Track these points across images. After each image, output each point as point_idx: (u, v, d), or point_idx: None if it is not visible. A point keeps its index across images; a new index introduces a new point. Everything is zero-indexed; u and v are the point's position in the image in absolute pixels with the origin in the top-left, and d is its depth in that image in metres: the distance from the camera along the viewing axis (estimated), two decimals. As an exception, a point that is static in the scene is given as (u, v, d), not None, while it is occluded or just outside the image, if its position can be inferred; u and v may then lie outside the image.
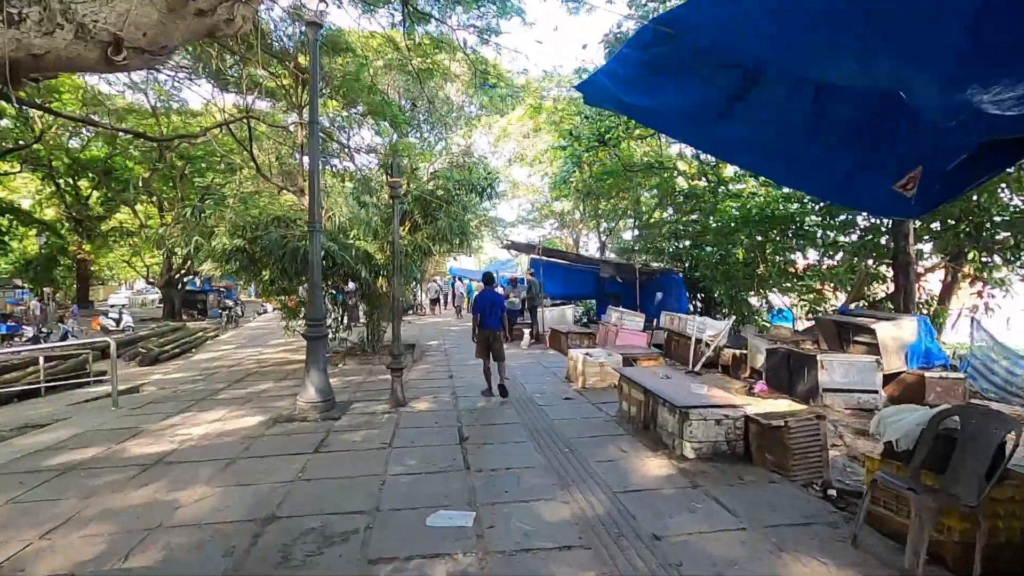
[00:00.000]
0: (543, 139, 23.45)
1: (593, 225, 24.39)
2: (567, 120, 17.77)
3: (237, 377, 9.50)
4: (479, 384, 8.07)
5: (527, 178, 26.58)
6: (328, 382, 6.70)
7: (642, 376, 6.16)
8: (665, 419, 5.36)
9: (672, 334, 12.78)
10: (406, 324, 18.89)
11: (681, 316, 12.54)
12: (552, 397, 7.47)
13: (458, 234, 11.09)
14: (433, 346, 13.15)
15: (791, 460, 4.72)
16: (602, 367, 7.93)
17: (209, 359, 12.24)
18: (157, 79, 22.57)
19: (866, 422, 7.50)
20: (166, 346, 15.00)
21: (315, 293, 6.60)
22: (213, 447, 5.51)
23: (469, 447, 5.37)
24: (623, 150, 19.30)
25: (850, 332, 9.30)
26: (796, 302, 12.29)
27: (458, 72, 16.83)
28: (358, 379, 9.04)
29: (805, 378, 8.28)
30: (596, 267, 16.51)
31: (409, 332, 16.28)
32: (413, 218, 10.93)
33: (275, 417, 6.55)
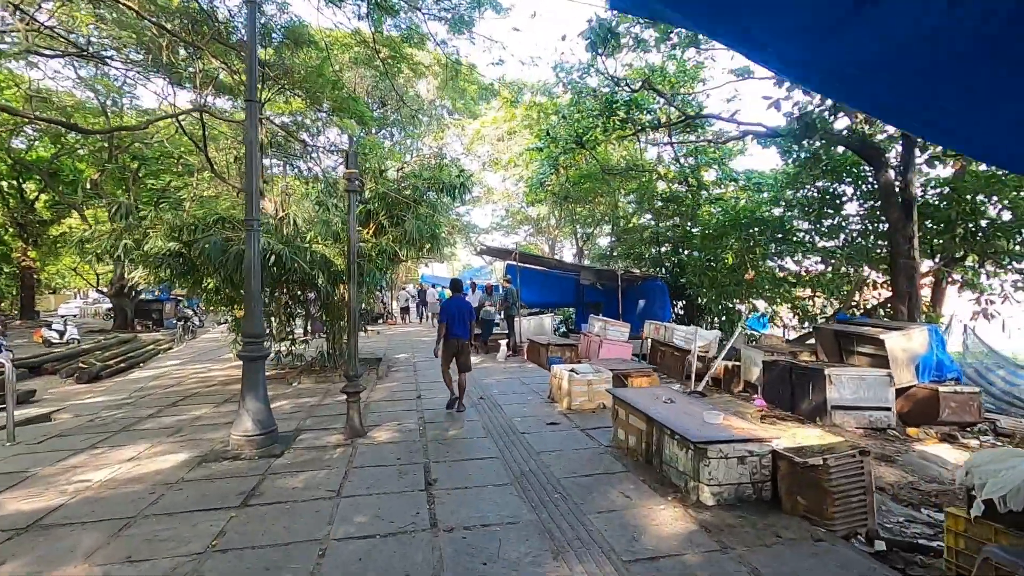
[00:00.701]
0: (518, 143, 22.61)
1: (569, 231, 23.61)
2: (543, 120, 16.94)
3: (171, 400, 8.22)
4: (449, 408, 7.05)
5: (501, 182, 25.67)
6: (268, 410, 5.56)
7: (642, 401, 5.21)
8: (674, 454, 4.42)
9: (658, 344, 11.94)
10: (374, 335, 17.67)
11: (667, 325, 11.72)
12: (535, 422, 6.47)
13: (428, 237, 10.04)
14: (401, 360, 12.02)
15: (831, 506, 3.83)
16: (590, 386, 6.98)
17: (148, 377, 10.86)
18: (108, 75, 21.03)
19: (881, 443, 6.74)
20: (110, 361, 13.49)
21: (253, 305, 5.47)
22: (113, 500, 4.33)
23: (437, 493, 4.32)
24: (600, 152, 18.58)
25: (852, 342, 8.57)
26: (781, 310, 11.60)
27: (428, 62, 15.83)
28: (312, 401, 7.88)
29: (810, 394, 7.48)
30: (575, 273, 15.64)
31: (376, 344, 15.10)
32: (378, 219, 9.85)
33: (203, 455, 5.38)
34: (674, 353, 11.32)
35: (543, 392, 8.09)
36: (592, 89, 15.85)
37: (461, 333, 6.98)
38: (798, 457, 3.96)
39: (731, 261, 10.83)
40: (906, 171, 8.54)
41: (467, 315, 7.06)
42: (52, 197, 26.77)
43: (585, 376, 7.04)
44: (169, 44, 16.07)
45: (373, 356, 11.98)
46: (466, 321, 7.04)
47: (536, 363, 11.21)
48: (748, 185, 16.33)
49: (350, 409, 5.91)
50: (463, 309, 7.07)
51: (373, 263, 9.15)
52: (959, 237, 9.96)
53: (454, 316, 6.97)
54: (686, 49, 14.41)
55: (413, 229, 9.35)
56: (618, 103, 15.67)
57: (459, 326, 6.96)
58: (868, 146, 9.98)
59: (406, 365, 11.26)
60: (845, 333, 8.72)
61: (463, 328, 6.99)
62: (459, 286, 7.74)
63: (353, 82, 17.63)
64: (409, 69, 16.22)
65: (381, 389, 8.69)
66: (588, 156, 18.64)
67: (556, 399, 7.44)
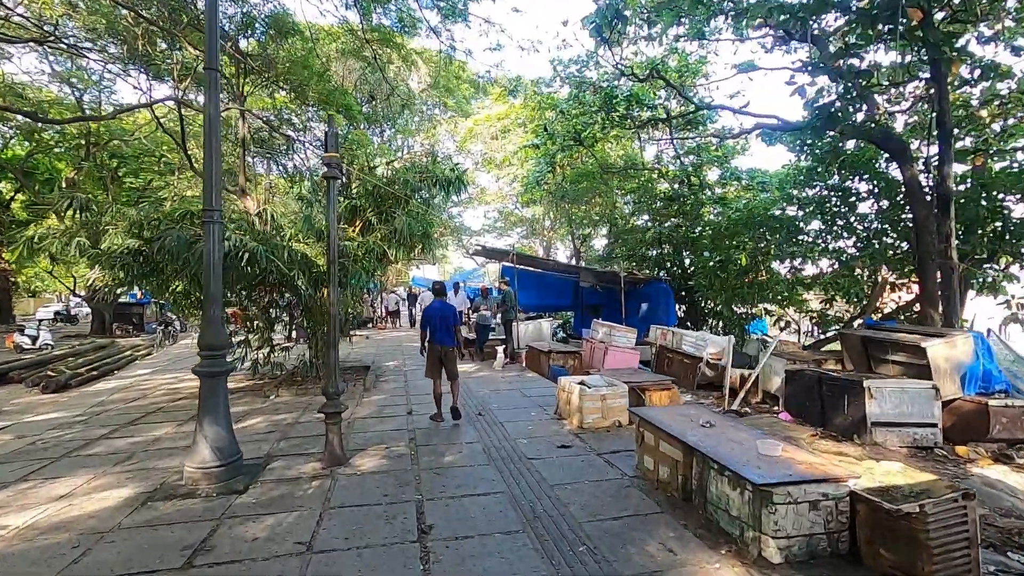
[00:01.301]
0: (513, 141, 21.78)
1: (564, 232, 22.79)
2: (540, 115, 16.11)
3: (131, 417, 7.26)
4: (444, 427, 6.19)
5: (495, 182, 24.82)
6: (231, 436, 4.66)
7: (675, 424, 4.38)
8: (723, 494, 3.58)
9: (665, 351, 11.14)
10: (362, 340, 16.70)
11: (675, 330, 10.93)
12: (543, 444, 5.61)
13: (420, 236, 9.17)
14: (391, 368, 11.11)
15: (928, 563, 3.03)
16: (604, 401, 6.13)
17: (111, 389, 9.85)
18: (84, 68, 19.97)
19: (931, 466, 5.96)
20: (82, 368, 12.45)
21: (211, 310, 4.58)
22: (23, 557, 3.41)
23: (433, 545, 3.46)
24: (598, 151, 17.82)
25: (883, 349, 7.82)
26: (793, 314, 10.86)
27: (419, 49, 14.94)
28: (290, 418, 6.97)
29: (845, 408, 6.69)
30: (574, 275, 14.82)
31: (363, 350, 14.16)
32: (365, 216, 8.97)
33: (150, 491, 4.47)
34: (683, 360, 10.53)
35: (548, 406, 7.24)
36: (591, 83, 15.07)
37: (444, 339, 6.56)
38: (886, 502, 3.14)
39: (744, 262, 10.06)
40: (942, 164, 7.81)
41: (450, 320, 6.64)
42: (29, 197, 25.58)
43: (598, 390, 6.19)
44: (145, 33, 15.08)
45: (360, 364, 11.06)
46: (450, 326, 6.63)
47: (536, 371, 10.36)
48: (751, 184, 15.64)
49: (329, 432, 5.02)
50: (446, 313, 6.64)
51: (359, 264, 8.26)
52: (987, 237, 9.29)
53: (436, 321, 6.55)
54: (693, 39, 13.69)
55: (404, 227, 8.48)
56: (618, 98, 14.91)
57: (442, 332, 6.56)
58: (892, 139, 9.27)
59: (396, 374, 10.36)
60: (874, 340, 7.97)
61: (446, 334, 6.58)
62: (442, 289, 7.18)
63: (341, 76, 16.71)
64: (400, 59, 15.35)
65: (368, 404, 7.79)
66: (586, 154, 17.90)
67: (564, 415, 6.59)
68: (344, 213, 9.12)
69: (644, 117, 16.24)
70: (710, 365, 10.00)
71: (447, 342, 6.58)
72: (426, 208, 8.96)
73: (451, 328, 6.65)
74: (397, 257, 8.87)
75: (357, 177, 9.01)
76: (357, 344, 15.76)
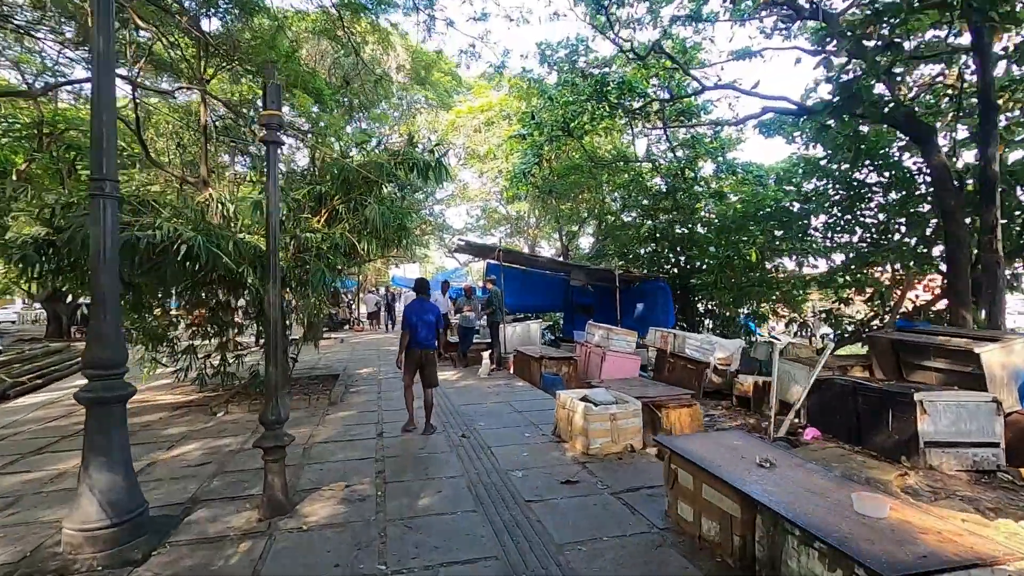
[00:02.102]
0: (496, 134, 20.64)
1: (550, 230, 21.73)
2: (526, 101, 15.00)
3: (40, 443, 5.95)
4: (421, 454, 5.05)
5: (478, 178, 23.63)
6: (129, 483, 3.44)
7: (722, 462, 3.30)
8: (810, 572, 2.50)
9: (665, 355, 10.12)
10: (336, 344, 15.39)
11: (677, 333, 9.91)
12: (543, 479, 4.49)
13: (394, 228, 7.99)
14: (364, 377, 9.89)
15: None
16: (614, 422, 5.04)
17: (33, 405, 8.44)
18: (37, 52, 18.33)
19: (997, 495, 5.00)
20: (24, 376, 10.97)
21: (101, 314, 3.36)
22: None
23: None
24: (587, 144, 16.79)
25: (922, 354, 6.88)
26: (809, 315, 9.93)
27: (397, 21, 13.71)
28: (234, 443, 5.73)
29: (889, 424, 5.71)
30: (564, 273, 13.75)
31: (336, 355, 12.90)
32: (331, 204, 7.75)
33: (16, 561, 3.23)
34: (687, 366, 9.51)
35: (543, 424, 6.13)
36: (581, 70, 14.03)
37: (426, 342, 5.98)
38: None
39: (755, 258, 9.09)
40: (985, 144, 6.90)
41: (433, 321, 6.06)
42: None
43: (606, 409, 5.10)
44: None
45: (328, 373, 9.82)
46: (432, 328, 6.05)
47: (526, 379, 9.24)
48: (747, 178, 14.76)
49: (269, 473, 3.83)
50: (428, 313, 6.03)
51: (323, 259, 7.04)
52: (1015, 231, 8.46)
53: (417, 322, 5.95)
54: (688, 24, 12.73)
55: (376, 217, 7.28)
56: (610, 85, 13.90)
57: (424, 333, 5.96)
58: (915, 122, 8.37)
59: (369, 384, 9.14)
60: (909, 343, 7.03)
61: (429, 336, 6.00)
62: (425, 287, 6.47)
63: (314, 59, 15.40)
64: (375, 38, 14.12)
65: (332, 422, 6.58)
66: (574, 147, 16.85)
67: (565, 437, 5.48)
68: (307, 200, 7.89)
69: (635, 108, 15.31)
70: (718, 371, 9.00)
71: (429, 345, 5.98)
72: (402, 196, 7.77)
73: (433, 329, 6.05)
74: (368, 252, 7.66)
75: (322, 158, 7.81)
76: (330, 349, 14.47)
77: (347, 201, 7.64)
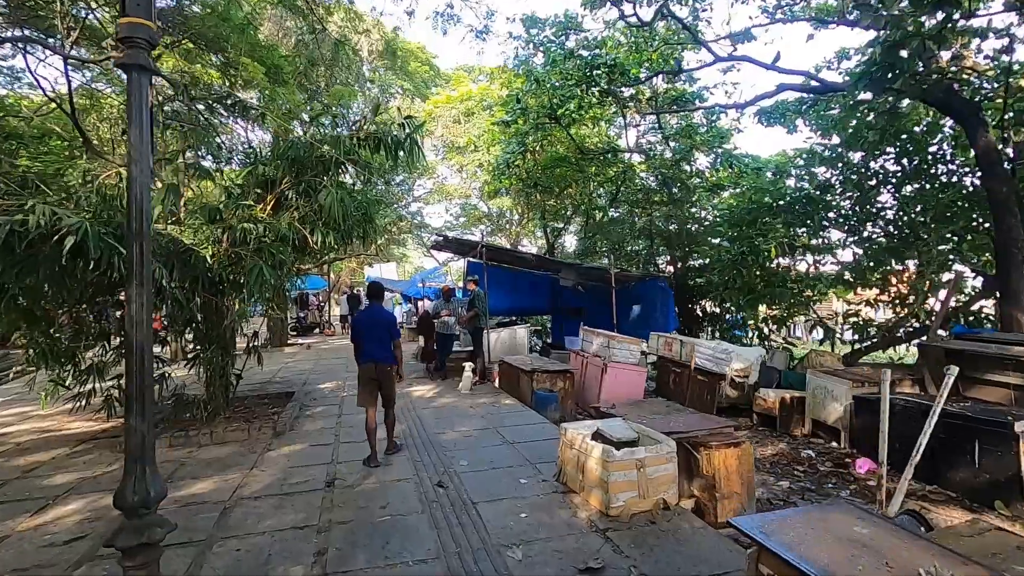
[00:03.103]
0: (477, 125, 19.22)
1: (533, 227, 20.40)
2: (511, 85, 13.64)
3: None
4: (382, 516, 3.67)
5: (458, 172, 22.16)
6: None
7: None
8: None
9: (669, 365, 8.89)
10: (302, 351, 13.81)
11: (684, 340, 8.68)
12: (553, 562, 3.14)
13: (357, 219, 6.58)
14: (325, 393, 8.42)
15: None
16: (642, 471, 3.72)
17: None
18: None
19: None
20: None
21: None
22: None
23: None
24: (574, 133, 15.52)
25: (986, 366, 5.74)
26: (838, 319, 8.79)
27: None
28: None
29: (976, 460, 4.52)
30: (553, 273, 12.45)
31: (297, 365, 11.37)
32: (279, 188, 6.29)
33: None
34: (697, 378, 8.28)
35: (542, 461, 4.80)
36: (570, 51, 12.73)
37: (378, 354, 5.11)
38: None
39: (775, 253, 7.91)
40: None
41: (385, 329, 5.17)
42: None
43: (631, 453, 3.78)
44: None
45: (284, 389, 8.32)
46: (385, 339, 5.15)
47: (514, 395, 7.90)
48: (745, 171, 13.67)
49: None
50: (379, 322, 5.19)
51: (265, 254, 5.57)
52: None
53: (365, 332, 5.13)
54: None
55: (332, 203, 5.84)
56: (600, 68, 12.65)
57: (374, 344, 5.10)
58: (956, 99, 7.28)
59: (329, 402, 7.69)
60: (971, 354, 5.88)
61: (381, 347, 5.12)
62: (378, 291, 5.59)
63: (276, 38, 13.79)
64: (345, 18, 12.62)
65: (272, 461, 5.13)
66: (560, 138, 15.57)
67: (574, 486, 4.14)
68: (249, 185, 6.42)
69: (627, 94, 14.10)
70: (734, 384, 7.79)
71: (382, 358, 5.10)
72: (366, 180, 6.35)
73: (387, 340, 5.15)
74: (324, 245, 6.21)
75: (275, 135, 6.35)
76: (293, 357, 12.91)
77: (297, 185, 6.18)
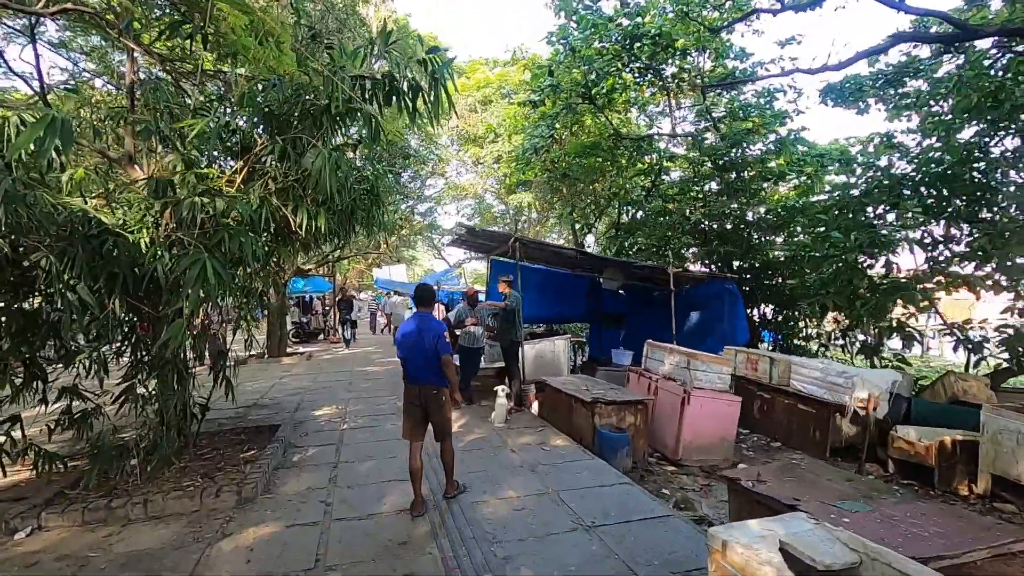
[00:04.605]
0: (495, 113, 17.39)
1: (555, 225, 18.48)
2: (542, 72, 11.80)
3: None
4: None
5: (474, 166, 20.30)
6: None
7: None
8: None
9: (754, 388, 6.95)
10: (302, 362, 11.93)
11: (777, 356, 6.77)
12: None
13: (360, 196, 4.72)
14: (321, 424, 6.54)
15: None
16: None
17: None
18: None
19: None
20: None
21: None
22: None
23: None
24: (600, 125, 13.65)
25: None
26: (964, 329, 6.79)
27: None
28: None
29: None
30: (594, 272, 10.54)
31: (295, 381, 9.52)
32: (253, 152, 4.44)
33: None
34: (798, 407, 6.34)
35: (643, 557, 2.89)
36: (609, 18, 10.85)
37: (424, 375, 3.89)
38: None
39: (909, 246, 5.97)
40: None
41: (433, 344, 3.85)
42: None
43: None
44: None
45: (266, 421, 6.44)
46: (432, 355, 3.86)
47: (560, 427, 5.99)
48: (806, 159, 11.74)
49: None
50: (426, 335, 3.87)
51: (223, 242, 3.70)
52: None
53: (410, 347, 3.89)
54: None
55: (323, 170, 3.95)
56: (642, 40, 10.80)
57: (419, 362, 3.88)
58: None
59: (324, 440, 5.80)
60: None
61: (428, 366, 3.87)
62: (428, 296, 4.20)
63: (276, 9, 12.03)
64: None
65: (226, 560, 3.25)
66: (590, 122, 13.69)
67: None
68: (208, 142, 4.56)
69: (671, 71, 12.21)
70: (856, 418, 5.83)
71: (430, 379, 3.91)
72: (371, 142, 4.50)
73: (432, 357, 3.89)
74: (314, 232, 4.35)
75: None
76: (290, 371, 11.05)
77: (272, 145, 4.31)
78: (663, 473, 5.51)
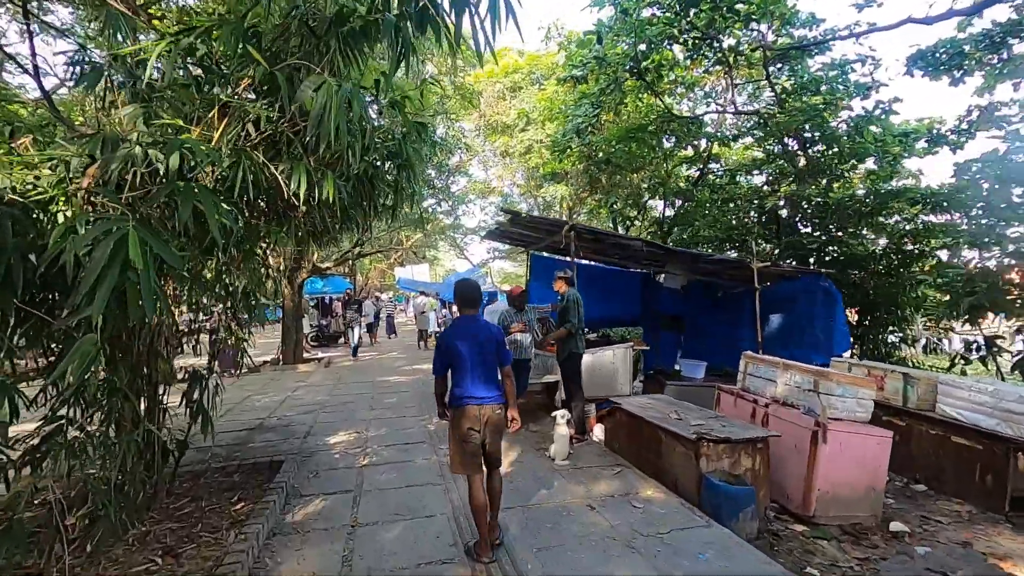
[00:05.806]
0: (525, 100, 15.94)
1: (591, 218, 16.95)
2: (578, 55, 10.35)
3: None
4: None
5: (501, 158, 18.89)
6: None
7: None
8: None
9: (880, 413, 5.39)
10: (320, 369, 10.63)
11: (915, 373, 5.20)
12: None
13: (383, 158, 3.32)
14: (336, 458, 5.17)
15: None
16: None
17: None
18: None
19: None
20: None
21: None
22: None
23: None
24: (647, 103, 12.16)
25: None
26: None
27: None
28: None
29: None
30: (644, 270, 9.01)
31: (310, 395, 8.21)
32: (234, 92, 3.06)
33: None
34: (951, 440, 4.77)
35: None
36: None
37: (485, 392, 3.01)
38: None
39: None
40: None
41: (493, 353, 3.07)
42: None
43: None
44: None
45: (268, 454, 5.10)
46: (492, 367, 3.07)
47: (641, 467, 4.52)
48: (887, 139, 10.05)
49: None
50: (483, 342, 3.05)
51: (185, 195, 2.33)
52: None
53: (463, 358, 3.01)
54: None
55: (329, 105, 2.55)
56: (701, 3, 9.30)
57: (477, 376, 3.02)
58: None
59: (339, 485, 4.42)
60: None
61: (488, 381, 3.04)
62: (471, 298, 3.20)
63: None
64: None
65: None
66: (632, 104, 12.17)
67: None
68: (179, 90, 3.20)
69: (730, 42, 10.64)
70: (1052, 461, 4.22)
71: (489, 398, 3.00)
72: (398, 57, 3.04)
73: (494, 369, 3.06)
74: (314, 200, 2.98)
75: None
76: (305, 380, 9.77)
77: (263, 80, 2.94)
78: (793, 537, 3.99)
